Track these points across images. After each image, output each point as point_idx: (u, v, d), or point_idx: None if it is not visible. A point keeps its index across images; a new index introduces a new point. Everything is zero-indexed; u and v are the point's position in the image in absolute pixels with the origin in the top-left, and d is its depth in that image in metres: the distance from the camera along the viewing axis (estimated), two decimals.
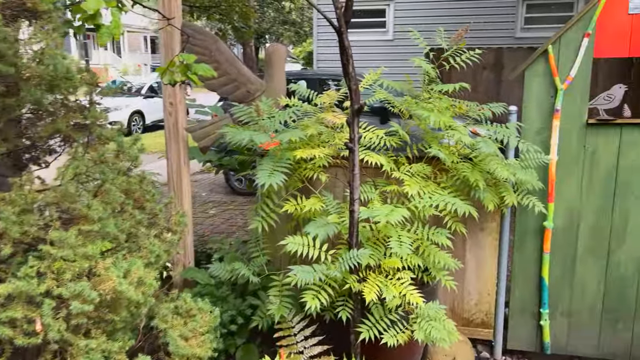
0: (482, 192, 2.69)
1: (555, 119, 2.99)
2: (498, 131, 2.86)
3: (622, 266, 3.12)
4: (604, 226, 3.09)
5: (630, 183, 3.01)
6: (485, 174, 2.83)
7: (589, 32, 2.90)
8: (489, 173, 2.84)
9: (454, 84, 2.70)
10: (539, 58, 3.00)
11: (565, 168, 3.07)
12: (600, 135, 3.00)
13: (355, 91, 2.26)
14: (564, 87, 2.97)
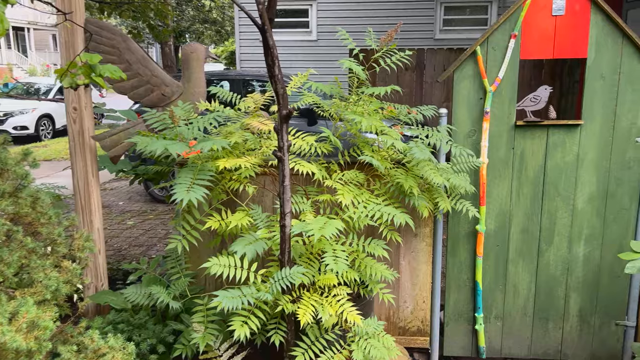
0: (417, 199, 2.58)
1: (485, 121, 2.95)
2: (430, 135, 2.77)
3: (551, 266, 3.14)
4: (533, 227, 3.10)
5: (556, 184, 3.04)
6: (419, 179, 2.73)
7: (515, 33, 2.88)
8: (422, 178, 2.74)
9: (386, 87, 2.58)
10: (467, 59, 2.95)
11: (496, 171, 3.05)
12: (527, 137, 3.00)
13: (283, 95, 2.06)
14: (493, 89, 2.94)
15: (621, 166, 2.98)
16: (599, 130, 2.96)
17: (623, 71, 2.89)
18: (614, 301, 3.15)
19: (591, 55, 2.89)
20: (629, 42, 2.85)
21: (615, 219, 3.05)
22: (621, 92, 2.91)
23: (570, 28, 2.87)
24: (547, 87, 2.97)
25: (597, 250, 3.10)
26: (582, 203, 3.05)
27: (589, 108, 2.94)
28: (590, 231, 3.08)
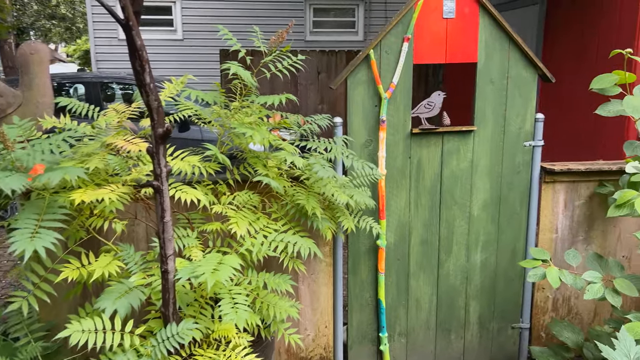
0: (321, 221, 2.29)
1: (382, 130, 2.76)
2: (330, 148, 2.49)
3: (451, 276, 3.06)
4: (433, 238, 2.99)
5: (453, 192, 2.95)
6: (319, 197, 2.45)
7: (408, 36, 2.72)
8: (322, 195, 2.46)
9: (280, 95, 2.24)
10: (361, 64, 2.73)
11: (394, 182, 2.88)
12: (423, 145, 2.87)
13: (158, 110, 1.63)
14: (388, 96, 2.75)
15: (512, 171, 2.98)
16: (491, 135, 2.92)
17: (511, 75, 2.87)
18: (510, 305, 3.16)
19: (481, 60, 2.83)
20: (515, 47, 2.84)
21: (509, 224, 3.05)
22: (510, 97, 2.90)
23: (461, 31, 2.78)
24: (441, 92, 2.86)
25: (493, 256, 3.07)
26: (477, 210, 3.00)
27: (480, 113, 2.89)
28: (486, 237, 3.04)
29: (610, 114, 2.59)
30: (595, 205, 3.06)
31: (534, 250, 2.62)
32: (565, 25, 5.35)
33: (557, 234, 3.08)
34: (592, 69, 4.83)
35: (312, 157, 2.28)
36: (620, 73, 2.56)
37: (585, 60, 4.97)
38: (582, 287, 2.44)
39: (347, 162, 2.34)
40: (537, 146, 2.97)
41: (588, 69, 4.88)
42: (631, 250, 3.15)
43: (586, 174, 2.99)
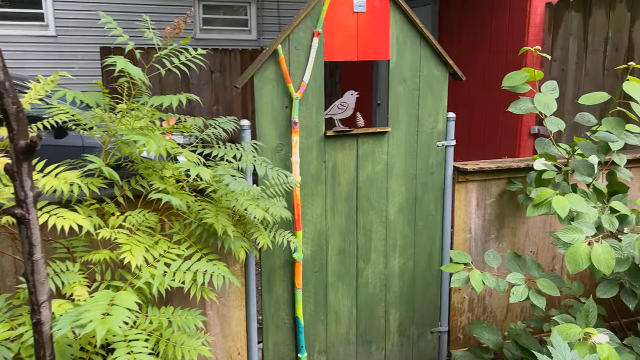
0: (233, 241, 1.99)
1: (294, 133, 2.52)
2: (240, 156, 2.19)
3: (370, 285, 2.90)
4: (350, 246, 2.81)
5: (369, 196, 2.79)
6: (229, 210, 2.14)
7: (318, 30, 2.50)
8: (231, 209, 2.16)
9: (178, 96, 1.90)
10: (268, 61, 2.46)
11: (309, 188, 2.65)
12: (338, 149, 2.68)
13: (18, 117, 1.24)
14: (299, 96, 2.51)
15: (426, 172, 2.89)
16: (405, 136, 2.80)
17: (423, 74, 2.77)
18: (429, 309, 3.07)
19: (393, 58, 2.70)
20: (426, 44, 2.74)
21: (424, 226, 2.96)
22: (422, 96, 2.80)
23: (373, 27, 2.62)
24: (354, 92, 2.69)
25: (411, 260, 2.97)
26: (394, 214, 2.87)
27: (394, 114, 2.76)
28: (403, 242, 2.92)
29: (522, 111, 2.58)
30: (505, 202, 3.08)
31: (455, 254, 2.54)
32: (458, 24, 5.50)
33: (470, 234, 3.05)
34: (485, 67, 4.99)
35: (219, 167, 1.97)
36: (529, 70, 2.56)
37: (479, 58, 5.12)
38: (505, 289, 2.39)
39: (260, 170, 2.07)
40: (450, 146, 2.90)
41: (481, 67, 5.04)
42: (537, 245, 3.22)
43: (496, 172, 2.99)
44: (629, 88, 2.21)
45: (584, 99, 2.34)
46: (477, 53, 5.15)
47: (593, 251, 2.06)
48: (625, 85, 2.22)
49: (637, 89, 2.20)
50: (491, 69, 4.89)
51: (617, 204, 2.33)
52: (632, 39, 3.66)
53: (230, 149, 2.24)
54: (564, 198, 2.26)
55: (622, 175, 2.65)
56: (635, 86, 2.20)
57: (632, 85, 2.21)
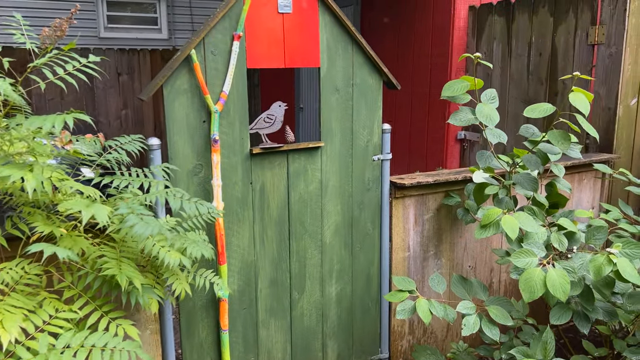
0: (142, 293, 1.61)
1: (215, 151, 2.16)
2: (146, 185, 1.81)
3: (305, 317, 2.61)
4: (283, 276, 2.50)
5: (303, 219, 2.50)
6: (137, 253, 1.76)
7: (239, 33, 2.16)
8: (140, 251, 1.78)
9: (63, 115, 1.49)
10: (180, 68, 2.09)
11: (235, 215, 2.31)
12: (266, 168, 2.36)
13: None
14: (219, 108, 2.16)
15: (362, 189, 2.65)
16: (339, 151, 2.54)
17: (356, 83, 2.52)
18: (368, 336, 2.84)
19: (324, 65, 2.42)
20: (359, 49, 2.49)
21: (362, 248, 2.71)
22: (356, 107, 2.54)
23: (301, 30, 2.33)
24: (282, 103, 2.38)
25: (348, 285, 2.71)
26: (330, 236, 2.60)
27: (327, 127, 2.48)
28: (340, 266, 2.66)
29: (462, 123, 2.40)
30: (443, 217, 2.91)
31: (398, 280, 2.31)
32: (381, 27, 5.34)
33: (409, 252, 2.86)
34: (410, 71, 4.87)
35: (121, 203, 1.58)
36: (469, 79, 2.38)
37: (403, 62, 5.00)
38: (454, 318, 2.19)
39: (175, 203, 1.70)
40: (386, 160, 2.68)
41: (406, 71, 4.92)
42: (475, 259, 3.09)
43: (434, 186, 2.81)
44: (574, 100, 2.08)
45: (529, 111, 2.20)
46: (401, 57, 5.02)
47: (548, 276, 1.91)
48: (571, 97, 2.09)
49: (583, 100, 2.08)
50: (416, 74, 4.78)
51: (565, 221, 2.20)
52: (555, 44, 3.66)
53: (137, 177, 1.85)
54: (512, 218, 2.10)
55: (562, 186, 2.55)
56: (581, 98, 2.08)
57: (578, 97, 2.08)
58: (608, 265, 1.91)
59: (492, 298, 2.28)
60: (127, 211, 1.51)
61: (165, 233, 1.48)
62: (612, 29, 3.29)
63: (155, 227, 1.48)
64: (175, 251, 1.66)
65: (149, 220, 1.51)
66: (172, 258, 1.60)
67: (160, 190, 1.69)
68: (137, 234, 1.44)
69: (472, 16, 4.35)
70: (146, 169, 1.94)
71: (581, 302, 2.07)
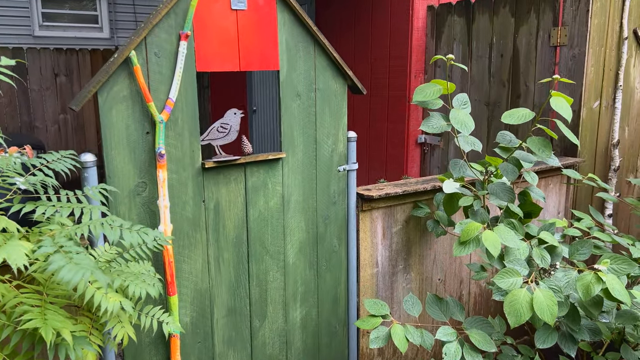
0: (73, 348, 1.32)
1: (161, 167, 1.88)
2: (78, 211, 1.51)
3: (268, 345, 2.36)
4: (242, 304, 2.25)
5: (263, 239, 2.25)
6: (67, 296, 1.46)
7: (187, 32, 1.89)
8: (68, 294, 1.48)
9: None
10: (118, 72, 1.80)
11: (185, 238, 2.03)
12: (221, 183, 2.10)
13: None
14: (165, 118, 1.89)
15: (327, 202, 2.43)
16: (302, 162, 2.31)
17: (319, 88, 2.30)
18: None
19: (284, 68, 2.18)
20: (322, 51, 2.27)
21: (328, 267, 2.49)
22: (319, 114, 2.32)
23: (257, 29, 2.08)
24: (237, 110, 2.12)
25: (314, 308, 2.49)
26: (293, 256, 2.36)
27: (289, 136, 2.25)
28: (305, 288, 2.43)
29: (435, 130, 2.22)
30: (412, 229, 2.73)
31: (370, 304, 2.11)
32: (337, 27, 5.15)
33: (378, 268, 2.66)
34: (367, 73, 4.70)
35: (45, 238, 1.29)
36: (442, 82, 2.21)
37: (360, 64, 4.82)
38: (432, 344, 2.01)
39: (112, 234, 1.42)
40: (352, 170, 2.47)
41: (364, 73, 4.74)
42: (445, 271, 2.93)
43: (402, 197, 2.62)
44: (556, 104, 1.94)
45: (507, 117, 2.04)
46: (358, 59, 4.84)
47: (535, 298, 1.75)
48: (552, 102, 1.95)
49: (564, 105, 1.94)
50: (374, 76, 4.61)
51: (546, 235, 2.06)
52: (517, 46, 3.57)
53: (67, 201, 1.55)
54: (493, 234, 1.93)
55: (535, 195, 2.43)
56: (562, 102, 1.94)
57: (559, 102, 1.94)
58: (597, 283, 1.77)
59: (470, 319, 2.11)
60: (52, 249, 1.23)
61: (99, 278, 1.20)
62: (574, 30, 3.22)
63: (88, 269, 1.20)
64: (114, 293, 1.38)
65: (81, 260, 1.23)
66: (111, 302, 1.32)
67: (94, 220, 1.40)
68: (63, 279, 1.16)
69: (430, 16, 4.23)
70: (79, 191, 1.65)
71: (567, 323, 1.93)
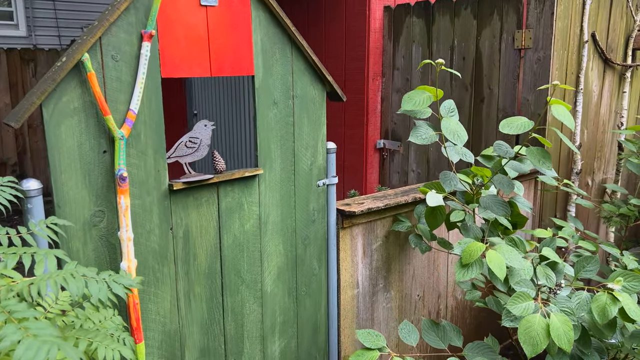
0: None
1: (122, 193, 1.57)
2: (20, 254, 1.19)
3: None
4: (216, 342, 1.96)
5: (238, 267, 1.98)
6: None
7: (151, 31, 1.59)
8: None
9: None
10: (68, 79, 1.47)
11: (151, 274, 1.73)
12: (191, 207, 1.80)
13: None
14: (126, 133, 1.58)
15: (307, 221, 2.19)
16: (280, 178, 2.06)
17: (297, 95, 2.06)
18: None
19: (259, 72, 1.92)
20: (299, 53, 2.03)
21: (308, 292, 2.26)
22: (298, 124, 2.08)
23: (229, 28, 1.81)
24: (208, 122, 1.84)
25: (294, 339, 2.24)
26: (271, 283, 2.11)
27: (265, 149, 1.99)
28: (283, 318, 2.18)
29: (425, 141, 2.04)
30: (391, 244, 2.55)
31: (364, 335, 1.89)
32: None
33: (358, 289, 2.46)
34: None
35: None
36: (431, 90, 2.03)
37: None
38: None
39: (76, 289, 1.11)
40: (332, 184, 2.25)
41: None
42: (424, 286, 2.78)
43: (383, 211, 2.44)
44: (557, 113, 1.82)
45: (504, 126, 1.90)
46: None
47: (552, 325, 1.61)
48: (553, 110, 1.82)
49: (565, 113, 1.82)
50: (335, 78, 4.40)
51: (548, 251, 1.94)
52: (480, 48, 3.50)
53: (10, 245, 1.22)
54: (498, 254, 1.78)
55: (522, 205, 2.32)
56: (564, 110, 1.82)
57: (560, 110, 1.82)
58: (613, 304, 1.66)
59: (471, 346, 1.95)
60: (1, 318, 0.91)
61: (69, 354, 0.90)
62: (539, 33, 3.18)
63: (53, 343, 0.90)
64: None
65: (40, 329, 0.93)
66: None
67: (52, 273, 1.09)
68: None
69: (388, 17, 4.08)
70: (23, 228, 1.31)
71: (578, 347, 1.82)
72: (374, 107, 4.22)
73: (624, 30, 3.72)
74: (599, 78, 3.60)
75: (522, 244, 1.96)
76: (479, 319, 3.14)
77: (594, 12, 3.39)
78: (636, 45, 3.76)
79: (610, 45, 3.63)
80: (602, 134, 3.77)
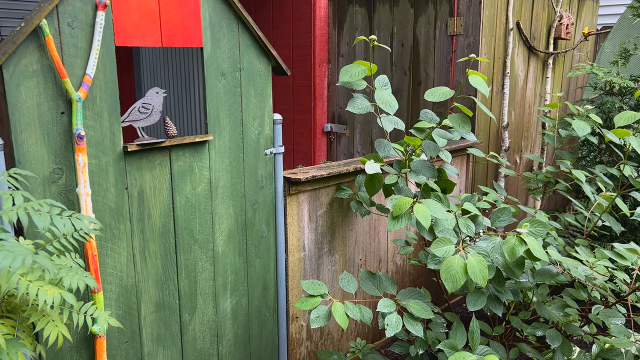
0: (7, 351, 1.14)
1: (80, 151, 1.70)
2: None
3: (199, 340, 2.25)
4: (171, 297, 2.11)
5: (191, 227, 2.13)
6: None
7: (105, 1, 1.72)
8: None
9: None
10: (27, 42, 1.58)
11: (109, 230, 1.85)
12: (145, 168, 1.94)
13: None
14: (83, 96, 1.70)
15: (255, 187, 2.36)
16: (229, 145, 2.22)
17: (244, 67, 2.22)
18: (267, 349, 2.57)
19: (208, 45, 2.08)
20: (245, 29, 2.19)
21: (257, 253, 2.43)
22: (245, 95, 2.25)
23: (178, 2, 1.95)
24: (160, 89, 1.97)
25: (244, 297, 2.41)
26: (222, 244, 2.27)
27: (215, 117, 2.14)
28: (235, 277, 2.35)
29: (361, 110, 2.26)
30: (335, 211, 2.76)
31: (308, 284, 2.09)
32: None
33: (305, 252, 2.65)
34: None
35: None
36: (365, 64, 2.25)
37: None
38: (371, 318, 2.04)
39: (42, 222, 1.24)
40: (279, 153, 2.43)
41: None
42: (365, 251, 3.01)
43: (326, 179, 2.64)
44: (474, 81, 2.07)
45: (429, 95, 2.13)
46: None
47: (469, 264, 1.85)
48: (470, 79, 2.07)
49: (480, 82, 2.08)
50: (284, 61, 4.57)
51: (469, 206, 2.20)
52: (417, 35, 3.76)
53: None
54: (424, 207, 2.01)
55: (450, 172, 2.57)
56: (479, 79, 2.08)
57: (476, 79, 2.08)
58: (520, 245, 1.92)
59: (403, 292, 2.18)
60: None
61: (44, 263, 1.04)
62: (469, 21, 3.46)
63: (27, 254, 1.04)
64: (49, 285, 1.21)
65: (13, 247, 1.06)
66: (49, 295, 1.16)
67: (19, 205, 1.22)
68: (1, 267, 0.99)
69: (332, 6, 4.30)
70: None
71: (493, 285, 2.08)
72: (321, 93, 4.43)
73: (546, 21, 4.08)
74: (524, 63, 3.94)
75: (446, 199, 2.21)
76: (417, 284, 3.41)
77: (518, 2, 3.71)
78: (557, 35, 4.13)
79: (534, 34, 3.98)
80: (528, 116, 4.12)
